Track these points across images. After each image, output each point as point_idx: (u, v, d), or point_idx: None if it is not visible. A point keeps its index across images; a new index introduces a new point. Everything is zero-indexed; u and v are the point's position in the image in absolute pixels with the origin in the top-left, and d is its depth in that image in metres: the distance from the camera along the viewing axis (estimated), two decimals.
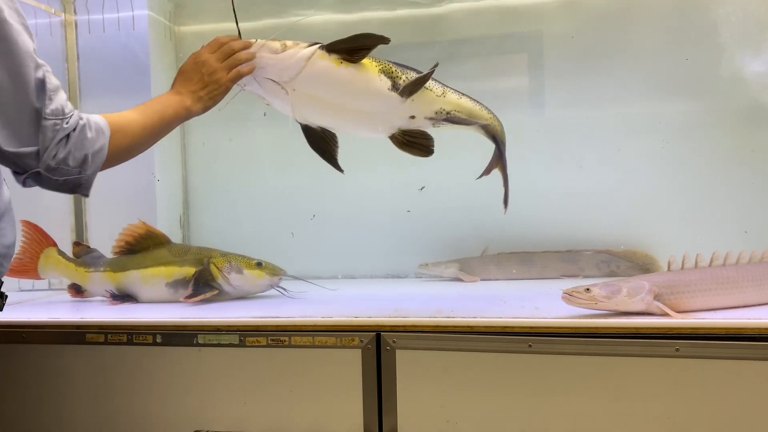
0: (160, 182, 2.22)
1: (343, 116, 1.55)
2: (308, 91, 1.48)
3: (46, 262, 1.87)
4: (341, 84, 1.48)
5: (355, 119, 1.56)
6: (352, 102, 1.51)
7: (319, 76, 1.46)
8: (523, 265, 2.11)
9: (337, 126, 1.59)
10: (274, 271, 1.83)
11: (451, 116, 1.60)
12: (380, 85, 1.50)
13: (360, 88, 1.49)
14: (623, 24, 2.12)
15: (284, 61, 1.45)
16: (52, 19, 2.23)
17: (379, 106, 1.52)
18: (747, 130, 2.07)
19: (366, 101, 1.51)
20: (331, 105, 1.51)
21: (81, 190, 1.22)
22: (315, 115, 1.55)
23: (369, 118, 1.55)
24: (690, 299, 1.38)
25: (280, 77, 1.46)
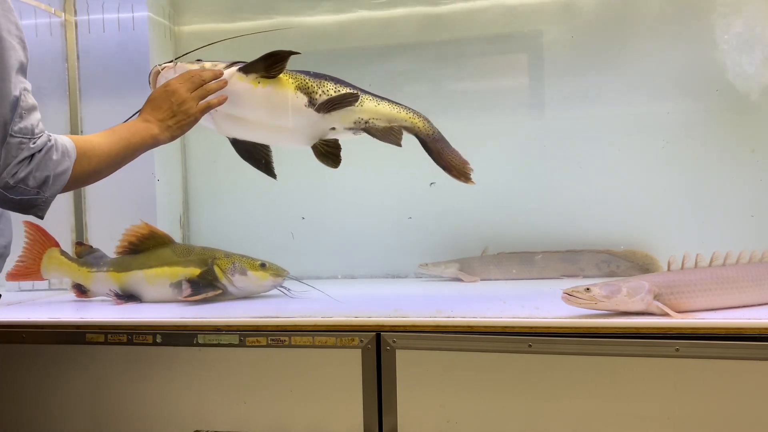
0: (160, 182, 2.22)
1: (264, 132, 1.61)
2: (228, 111, 1.54)
3: (48, 263, 1.87)
4: (259, 104, 1.54)
5: (277, 134, 1.62)
6: (272, 120, 1.58)
7: (238, 98, 1.53)
8: (523, 265, 2.11)
9: (261, 140, 1.65)
10: (278, 272, 1.84)
11: (370, 124, 1.64)
12: (297, 102, 1.56)
13: (278, 106, 1.55)
14: (623, 24, 2.12)
15: None
16: (52, 19, 2.23)
17: (298, 121, 1.58)
18: (747, 130, 2.07)
19: (285, 119, 1.57)
20: (252, 122, 1.57)
21: (35, 211, 1.19)
22: (238, 131, 1.61)
23: (290, 132, 1.61)
24: (690, 299, 1.38)
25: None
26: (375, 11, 2.27)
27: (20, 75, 1.13)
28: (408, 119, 1.67)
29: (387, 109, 1.65)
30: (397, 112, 1.66)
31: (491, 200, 2.20)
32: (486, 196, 2.20)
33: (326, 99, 1.57)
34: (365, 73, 2.27)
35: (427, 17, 2.24)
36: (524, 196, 2.18)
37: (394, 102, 1.67)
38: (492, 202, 2.20)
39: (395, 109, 1.66)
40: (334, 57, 2.29)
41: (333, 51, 2.29)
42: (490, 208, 2.20)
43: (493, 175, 2.20)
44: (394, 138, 1.66)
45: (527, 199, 2.18)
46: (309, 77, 1.59)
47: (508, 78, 2.22)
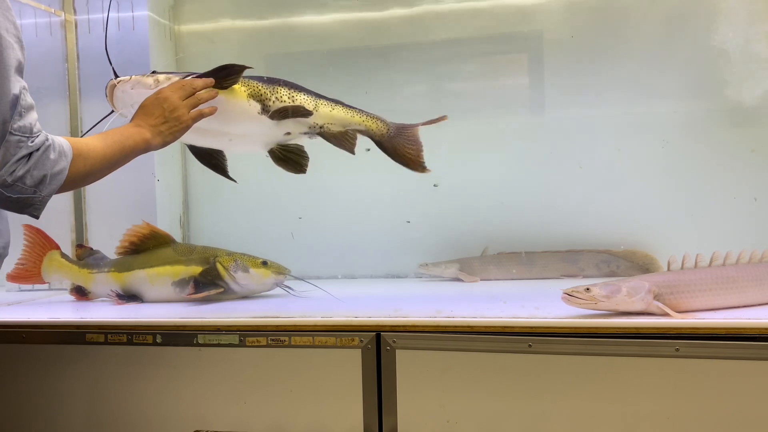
0: (160, 182, 2.22)
1: (220, 139, 1.65)
2: None
3: (49, 266, 1.87)
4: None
5: (233, 141, 1.65)
6: (226, 128, 1.61)
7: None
8: (523, 265, 2.11)
9: (216, 146, 1.67)
10: (280, 270, 1.84)
11: (324, 129, 1.68)
12: (250, 110, 1.60)
13: (231, 115, 1.58)
14: (623, 24, 2.12)
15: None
16: (52, 19, 2.23)
17: (252, 128, 1.62)
18: (747, 130, 2.07)
19: (239, 126, 1.61)
20: (207, 130, 1.59)
21: (31, 210, 1.20)
22: (194, 138, 1.63)
23: (245, 139, 1.65)
24: (690, 299, 1.38)
25: None
26: (375, 11, 2.27)
27: (18, 74, 1.14)
28: (361, 122, 1.70)
29: (341, 113, 1.69)
30: (350, 116, 1.69)
31: (491, 200, 2.20)
32: (486, 197, 2.20)
33: (278, 108, 1.60)
34: (365, 73, 2.28)
35: (427, 17, 2.24)
36: (524, 196, 2.18)
37: (348, 106, 1.70)
38: (492, 202, 2.20)
39: (349, 113, 1.69)
40: (334, 57, 2.29)
41: (333, 51, 2.29)
42: (490, 208, 2.20)
43: (493, 175, 2.21)
44: (348, 144, 1.70)
45: (527, 199, 2.18)
46: (262, 84, 1.62)
47: (508, 78, 2.22)
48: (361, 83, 2.28)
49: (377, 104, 2.27)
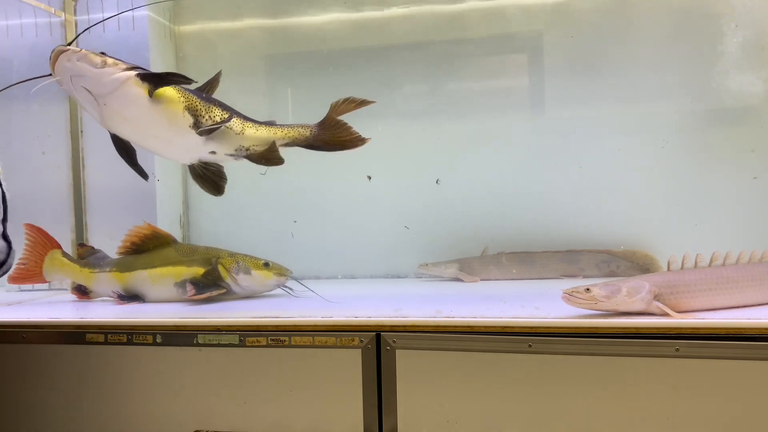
0: (160, 182, 2.22)
1: (146, 139, 1.67)
2: (117, 110, 1.60)
3: (50, 265, 1.87)
4: (147, 113, 1.61)
5: (157, 144, 1.68)
6: (154, 130, 1.64)
7: (129, 101, 1.59)
8: (523, 265, 2.11)
9: (140, 144, 1.70)
10: (281, 271, 1.85)
11: (251, 151, 1.73)
12: (182, 121, 1.63)
13: (163, 120, 1.62)
14: (623, 24, 2.12)
15: (100, 77, 1.57)
16: (52, 19, 2.23)
17: (179, 139, 1.65)
18: (747, 130, 2.07)
19: (167, 133, 1.64)
20: (136, 127, 1.63)
21: None
22: (121, 130, 1.66)
23: (170, 146, 1.68)
24: (690, 299, 1.38)
25: (94, 89, 1.58)
26: (375, 11, 2.27)
27: None
28: (285, 137, 1.75)
29: (266, 133, 1.73)
30: (274, 134, 1.74)
31: (491, 200, 2.20)
32: (486, 196, 2.21)
33: (207, 128, 1.64)
34: (365, 73, 2.28)
35: (427, 17, 2.24)
36: (524, 196, 2.18)
37: (271, 124, 1.75)
38: (492, 202, 2.20)
39: (272, 131, 1.74)
40: (335, 57, 2.29)
41: (333, 51, 2.29)
42: (490, 208, 2.20)
43: (493, 175, 2.21)
44: (274, 159, 1.74)
45: (527, 199, 2.18)
46: (200, 100, 1.66)
47: (508, 78, 2.22)
48: (361, 83, 2.28)
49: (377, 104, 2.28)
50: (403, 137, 2.26)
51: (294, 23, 2.31)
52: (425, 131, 2.25)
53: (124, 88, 1.58)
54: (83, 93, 1.59)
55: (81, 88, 1.58)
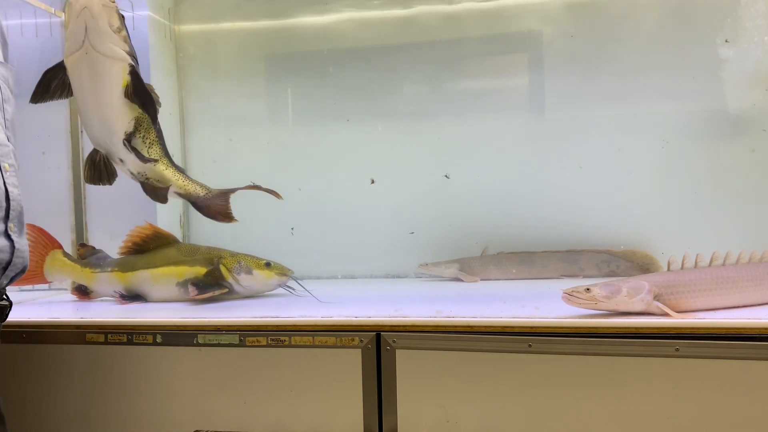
0: None
1: (85, 108, 1.73)
2: (89, 67, 1.67)
3: (51, 265, 1.87)
4: (109, 95, 1.68)
5: (90, 118, 1.73)
6: (101, 111, 1.71)
7: (105, 74, 1.67)
8: (523, 265, 2.11)
9: (79, 106, 1.76)
10: (283, 270, 1.85)
11: (148, 182, 1.83)
12: (123, 125, 1.72)
13: (115, 111, 1.70)
14: (623, 24, 2.12)
15: (104, 36, 1.64)
16: (52, 20, 2.23)
17: (109, 130, 1.73)
18: (747, 130, 2.07)
19: (107, 122, 1.72)
20: (90, 95, 1.70)
21: None
22: (75, 83, 1.71)
23: (97, 124, 1.72)
24: (690, 299, 1.38)
25: (92, 39, 1.63)
26: (375, 11, 2.27)
27: None
28: (182, 187, 1.84)
29: (170, 176, 1.82)
30: (175, 180, 1.83)
31: (491, 200, 2.20)
32: (486, 196, 2.21)
33: (133, 147, 1.73)
34: (365, 73, 2.28)
35: (427, 17, 2.24)
36: (524, 196, 2.18)
37: (178, 170, 1.85)
38: (492, 202, 2.20)
39: (175, 177, 1.83)
40: (335, 57, 2.29)
41: (333, 51, 2.29)
42: (490, 208, 2.20)
43: (493, 175, 2.21)
44: (160, 199, 1.83)
45: (527, 199, 2.18)
46: (152, 127, 1.77)
47: (508, 78, 2.22)
48: (361, 83, 2.29)
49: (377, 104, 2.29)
50: (403, 137, 2.26)
51: (294, 23, 2.32)
52: (425, 131, 2.25)
53: (112, 64, 1.66)
54: (80, 29, 1.62)
55: (83, 25, 1.62)
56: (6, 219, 1.24)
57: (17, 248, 1.26)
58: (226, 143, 2.38)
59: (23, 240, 1.29)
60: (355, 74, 2.29)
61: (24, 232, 1.30)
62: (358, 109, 2.29)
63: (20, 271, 1.30)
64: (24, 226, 1.30)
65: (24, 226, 1.30)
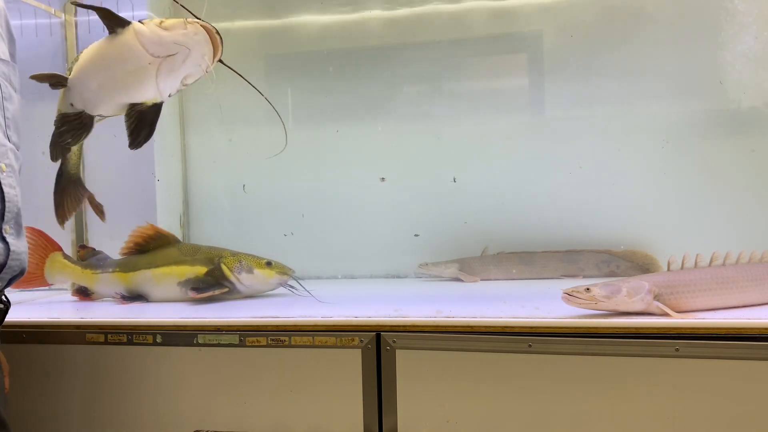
0: (160, 182, 2.22)
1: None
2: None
3: (52, 268, 1.87)
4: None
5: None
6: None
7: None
8: (523, 265, 2.11)
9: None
10: (284, 270, 1.85)
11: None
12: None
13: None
14: (623, 23, 2.12)
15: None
16: (52, 20, 2.23)
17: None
18: (747, 130, 2.07)
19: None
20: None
21: None
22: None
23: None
24: (690, 299, 1.38)
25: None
26: (375, 11, 2.27)
27: None
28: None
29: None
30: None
31: (491, 200, 2.20)
32: (486, 196, 2.21)
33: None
34: (365, 73, 2.28)
35: (427, 17, 2.24)
36: (524, 196, 2.18)
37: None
38: (492, 202, 2.20)
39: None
40: (335, 57, 2.29)
41: (333, 51, 2.29)
42: (490, 208, 2.20)
43: (493, 175, 2.21)
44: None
45: (527, 199, 2.18)
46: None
47: (508, 78, 2.22)
48: (361, 83, 2.29)
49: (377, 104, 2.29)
50: (403, 137, 2.26)
51: (294, 23, 2.32)
52: (425, 131, 2.25)
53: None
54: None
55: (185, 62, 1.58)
56: (1, 221, 1.22)
57: (13, 250, 1.24)
58: (226, 143, 2.38)
59: (21, 242, 1.27)
60: (355, 74, 2.29)
61: (22, 234, 1.29)
62: (357, 109, 2.30)
63: (18, 273, 1.28)
64: (21, 227, 1.28)
65: (21, 227, 1.28)
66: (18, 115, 1.34)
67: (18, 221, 1.27)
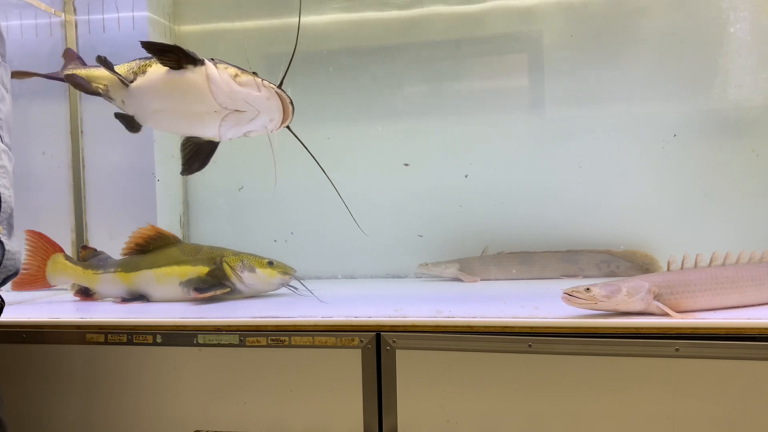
0: (160, 182, 2.22)
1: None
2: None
3: (53, 269, 1.87)
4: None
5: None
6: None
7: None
8: (523, 265, 2.11)
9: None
10: (286, 270, 1.86)
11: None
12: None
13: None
14: (623, 23, 2.12)
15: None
16: (52, 19, 2.23)
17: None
18: (748, 130, 2.07)
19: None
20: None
21: None
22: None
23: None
24: (690, 299, 1.38)
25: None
26: (375, 12, 2.27)
27: None
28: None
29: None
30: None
31: (491, 200, 2.20)
32: (486, 196, 2.21)
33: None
34: (366, 73, 2.28)
35: (427, 17, 2.24)
36: (524, 196, 2.19)
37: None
38: (492, 202, 2.20)
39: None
40: (335, 57, 2.29)
41: (333, 51, 2.29)
42: (490, 208, 2.20)
43: (493, 175, 2.21)
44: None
45: (527, 199, 2.18)
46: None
47: (508, 78, 2.22)
48: (361, 83, 2.29)
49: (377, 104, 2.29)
50: (403, 137, 2.26)
51: (294, 23, 2.31)
52: (425, 131, 2.25)
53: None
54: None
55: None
56: None
57: (8, 250, 1.24)
58: (226, 143, 2.38)
59: (14, 242, 1.28)
60: (355, 74, 2.29)
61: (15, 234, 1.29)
62: (357, 109, 2.30)
63: (12, 273, 1.28)
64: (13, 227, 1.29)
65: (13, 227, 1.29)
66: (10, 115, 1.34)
67: (11, 222, 1.27)
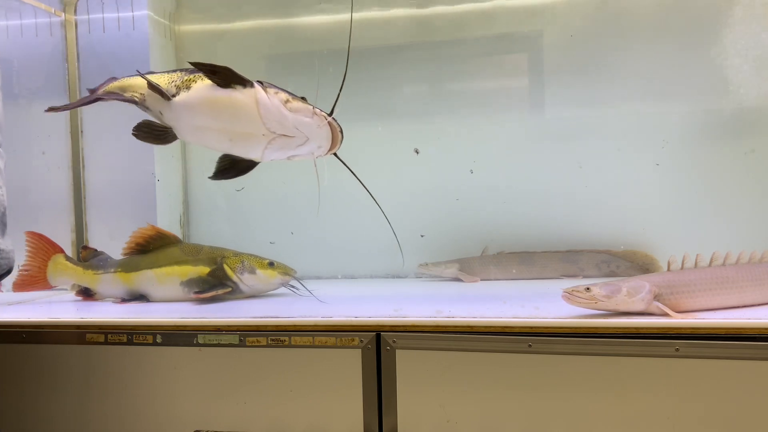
0: (160, 182, 2.22)
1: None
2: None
3: (54, 270, 1.87)
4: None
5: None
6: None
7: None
8: (523, 265, 2.11)
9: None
10: (286, 270, 1.86)
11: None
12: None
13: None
14: (623, 23, 2.12)
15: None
16: (52, 19, 2.23)
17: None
18: (747, 130, 2.07)
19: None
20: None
21: None
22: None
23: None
24: (690, 299, 1.38)
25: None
26: (375, 12, 2.27)
27: None
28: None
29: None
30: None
31: (491, 200, 2.20)
32: (486, 196, 2.21)
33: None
34: (366, 73, 2.28)
35: (427, 17, 2.24)
36: (524, 196, 2.18)
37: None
38: (492, 202, 2.20)
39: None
40: (335, 57, 2.29)
41: (333, 51, 2.29)
42: (490, 208, 2.20)
43: (493, 175, 2.21)
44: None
45: (527, 199, 2.18)
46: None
47: (508, 78, 2.22)
48: (361, 83, 2.28)
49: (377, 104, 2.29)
50: (403, 137, 2.26)
51: (294, 23, 2.31)
52: (425, 131, 2.25)
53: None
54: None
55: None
56: None
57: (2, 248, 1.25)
58: None
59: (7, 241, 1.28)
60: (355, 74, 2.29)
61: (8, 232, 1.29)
62: (357, 109, 2.29)
63: (6, 271, 1.29)
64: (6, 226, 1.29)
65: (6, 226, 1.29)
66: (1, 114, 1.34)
67: (4, 220, 1.27)
